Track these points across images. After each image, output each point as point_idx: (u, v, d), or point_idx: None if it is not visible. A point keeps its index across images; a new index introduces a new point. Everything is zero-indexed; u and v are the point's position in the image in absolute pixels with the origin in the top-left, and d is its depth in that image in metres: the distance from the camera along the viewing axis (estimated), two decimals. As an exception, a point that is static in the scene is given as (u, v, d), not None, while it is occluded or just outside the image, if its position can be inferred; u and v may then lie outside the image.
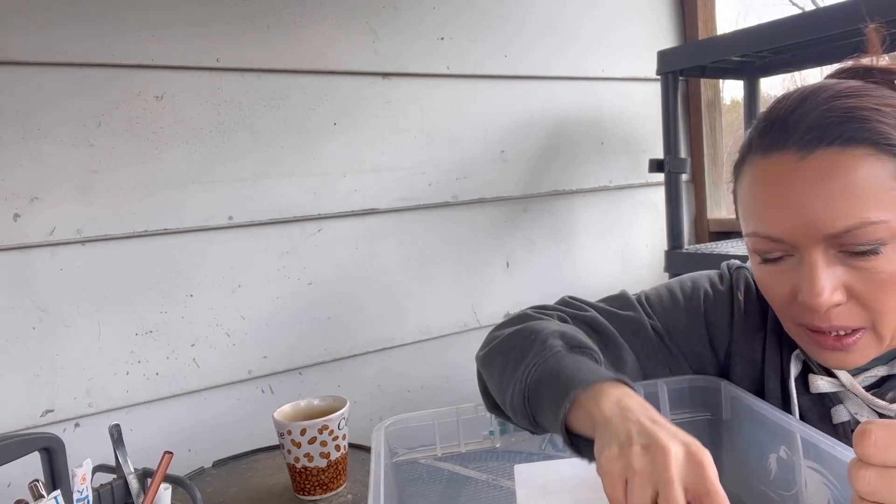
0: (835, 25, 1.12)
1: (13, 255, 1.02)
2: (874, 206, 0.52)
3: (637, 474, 0.44)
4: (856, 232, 0.52)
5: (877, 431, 0.37)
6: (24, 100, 1.01)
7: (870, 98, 0.55)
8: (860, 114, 0.54)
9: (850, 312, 0.55)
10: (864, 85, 0.57)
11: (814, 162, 0.54)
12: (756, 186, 0.58)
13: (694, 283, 0.74)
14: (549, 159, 1.56)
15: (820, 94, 0.56)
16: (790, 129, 0.56)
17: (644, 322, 0.71)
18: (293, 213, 1.24)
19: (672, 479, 0.42)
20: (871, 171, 0.52)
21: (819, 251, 0.54)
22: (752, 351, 0.69)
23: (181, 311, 1.15)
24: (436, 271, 1.42)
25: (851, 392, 0.61)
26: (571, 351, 0.60)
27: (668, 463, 0.43)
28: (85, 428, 1.08)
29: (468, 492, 0.69)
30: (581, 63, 1.59)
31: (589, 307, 0.73)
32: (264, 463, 1.08)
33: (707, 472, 0.43)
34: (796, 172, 0.54)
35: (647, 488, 0.43)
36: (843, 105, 0.54)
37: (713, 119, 1.80)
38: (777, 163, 0.56)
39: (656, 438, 0.45)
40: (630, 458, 0.44)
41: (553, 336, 0.62)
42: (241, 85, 1.19)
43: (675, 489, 0.42)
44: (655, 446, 0.44)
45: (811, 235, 0.54)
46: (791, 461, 0.57)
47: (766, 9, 2.04)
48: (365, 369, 1.35)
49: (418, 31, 1.37)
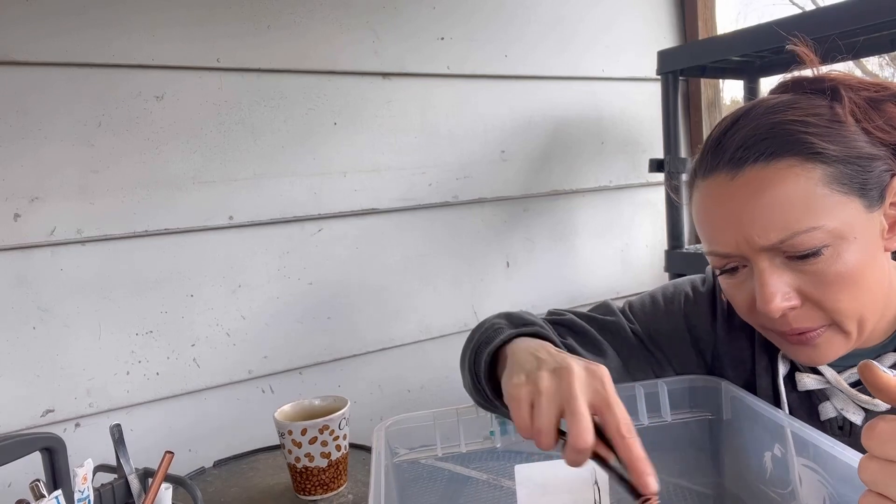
0: (835, 25, 1.12)
1: (13, 255, 1.02)
2: (803, 216, 0.54)
3: (543, 395, 0.47)
4: (790, 241, 0.55)
5: (882, 425, 0.39)
6: (24, 100, 1.01)
7: (796, 111, 0.57)
8: (785, 128, 0.56)
9: (808, 314, 0.57)
10: (796, 98, 0.59)
11: (743, 179, 0.56)
12: (699, 207, 0.62)
13: (675, 288, 0.76)
14: (549, 159, 1.56)
15: (751, 112, 0.59)
16: (723, 150, 0.58)
17: (623, 325, 0.73)
18: (293, 213, 1.24)
19: (576, 394, 0.46)
20: (797, 181, 0.55)
21: (765, 260, 0.57)
22: (739, 351, 0.70)
23: (181, 311, 1.15)
24: (436, 271, 1.42)
25: (837, 388, 0.62)
26: (514, 327, 0.64)
27: (572, 380, 0.47)
28: (85, 428, 1.08)
29: (469, 492, 0.69)
30: (581, 63, 1.59)
31: (568, 312, 0.76)
32: (265, 463, 1.08)
33: (608, 387, 0.47)
34: (729, 191, 0.57)
35: (552, 407, 0.47)
36: (770, 121, 0.57)
37: (713, 119, 1.80)
38: (713, 184, 0.59)
39: (561, 362, 0.49)
40: (537, 381, 0.48)
41: (499, 318, 0.68)
42: (241, 85, 1.19)
43: (580, 404, 0.46)
44: (561, 368, 0.48)
45: (751, 248, 0.57)
46: (785, 459, 0.57)
47: (766, 9, 2.04)
48: (365, 369, 1.35)
49: (418, 31, 1.37)
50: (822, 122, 0.56)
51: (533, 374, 0.49)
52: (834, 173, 0.55)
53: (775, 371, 0.67)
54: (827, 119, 0.57)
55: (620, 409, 0.46)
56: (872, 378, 0.41)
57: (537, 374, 0.49)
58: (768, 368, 0.68)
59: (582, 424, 0.45)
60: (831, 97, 0.59)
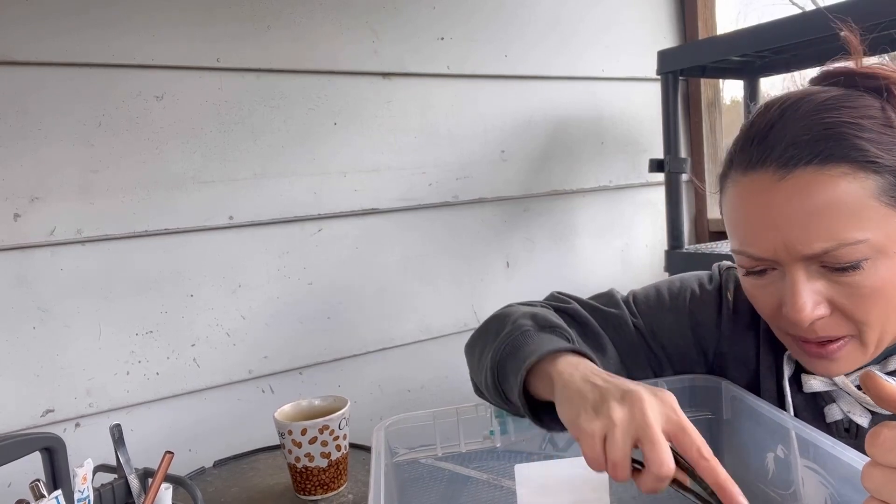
0: (835, 25, 1.11)
1: (13, 255, 1.02)
2: (852, 227, 0.52)
3: (617, 427, 0.46)
4: (834, 253, 0.53)
5: (886, 433, 0.38)
6: (24, 100, 1.01)
7: (847, 111, 0.54)
8: (838, 130, 0.53)
9: (835, 324, 0.56)
10: (846, 94, 0.56)
11: (792, 182, 0.54)
12: (736, 205, 0.59)
13: (682, 283, 0.74)
14: (549, 159, 1.56)
15: (799, 107, 0.56)
16: (770, 145, 0.55)
17: (626, 319, 0.72)
18: (293, 212, 1.24)
19: (651, 423, 0.45)
20: (848, 190, 0.52)
21: (800, 268, 0.55)
22: (744, 351, 0.70)
23: (181, 311, 1.15)
24: (436, 271, 1.42)
25: (844, 391, 0.62)
26: (541, 330, 0.63)
27: (645, 409, 0.46)
28: (85, 428, 1.08)
29: (468, 492, 0.69)
30: (581, 63, 1.59)
31: (573, 300, 0.75)
32: (265, 463, 1.08)
33: (679, 413, 0.46)
34: (775, 192, 0.54)
35: (628, 438, 0.46)
36: (822, 120, 0.54)
37: (713, 119, 1.80)
38: (757, 182, 0.56)
39: (628, 391, 0.48)
40: (609, 414, 0.47)
41: (524, 317, 0.65)
42: (241, 85, 1.19)
43: (657, 432, 0.45)
44: (631, 398, 0.47)
45: (791, 255, 0.55)
46: (788, 460, 0.57)
47: (766, 9, 2.04)
48: (365, 369, 1.35)
49: (418, 31, 1.37)
50: (877, 127, 0.54)
51: (601, 407, 0.48)
52: (884, 185, 0.53)
53: (780, 372, 0.66)
54: (881, 123, 0.54)
55: (695, 432, 0.45)
56: (875, 388, 0.40)
57: (607, 405, 0.47)
58: (773, 369, 0.67)
59: (662, 452, 0.44)
60: (886, 97, 0.56)
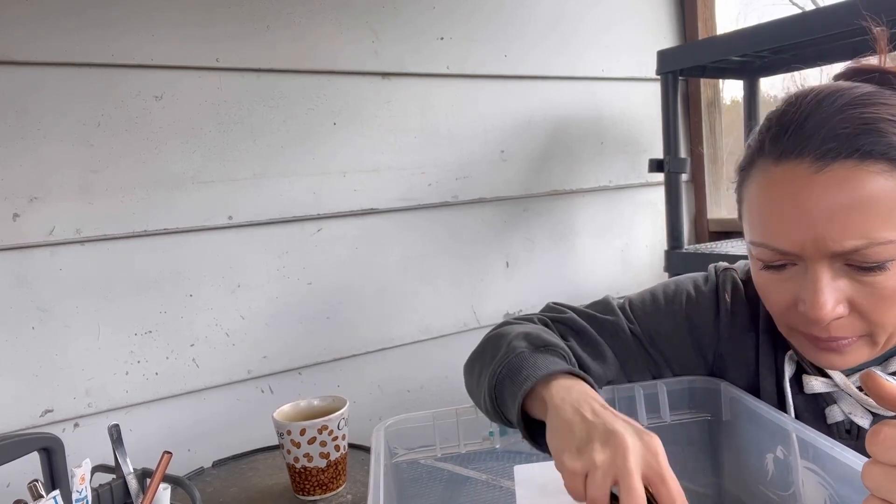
0: (835, 25, 1.11)
1: (13, 255, 1.02)
2: (884, 226, 0.51)
3: (598, 469, 0.47)
4: (864, 251, 0.52)
5: (886, 431, 0.38)
6: (23, 100, 1.01)
7: (885, 107, 0.53)
8: (878, 126, 0.52)
9: (850, 324, 0.56)
10: (879, 91, 0.55)
11: (829, 175, 0.52)
12: (765, 195, 0.57)
13: (677, 287, 0.74)
14: (549, 159, 1.56)
15: (835, 99, 0.54)
16: (806, 136, 0.54)
17: (623, 326, 0.72)
18: (293, 213, 1.24)
19: (631, 470, 0.46)
20: (885, 187, 0.51)
21: (825, 265, 0.54)
22: (743, 352, 0.69)
23: (181, 311, 1.15)
24: (436, 271, 1.42)
25: (845, 392, 0.62)
26: (535, 351, 0.63)
27: (627, 455, 0.46)
28: (84, 428, 1.08)
29: (468, 492, 0.69)
30: (581, 63, 1.59)
31: (569, 310, 0.75)
32: (264, 463, 1.08)
33: (661, 461, 0.47)
34: (810, 185, 0.53)
35: (607, 480, 0.46)
36: (860, 115, 0.53)
37: (713, 119, 1.80)
38: (790, 173, 0.54)
39: (613, 433, 0.48)
40: (591, 455, 0.48)
41: (518, 338, 0.65)
42: (241, 85, 1.19)
43: (635, 479, 0.45)
44: (614, 440, 0.48)
45: (819, 251, 0.53)
46: (787, 461, 0.57)
47: (766, 9, 2.04)
48: (365, 369, 1.35)
49: (418, 31, 1.36)
50: None
51: (585, 448, 0.49)
52: None
53: (780, 372, 0.66)
54: None
55: (674, 483, 0.46)
56: (875, 387, 0.40)
57: (591, 446, 0.48)
58: (773, 370, 0.67)
59: (637, 500, 0.45)
60: None
